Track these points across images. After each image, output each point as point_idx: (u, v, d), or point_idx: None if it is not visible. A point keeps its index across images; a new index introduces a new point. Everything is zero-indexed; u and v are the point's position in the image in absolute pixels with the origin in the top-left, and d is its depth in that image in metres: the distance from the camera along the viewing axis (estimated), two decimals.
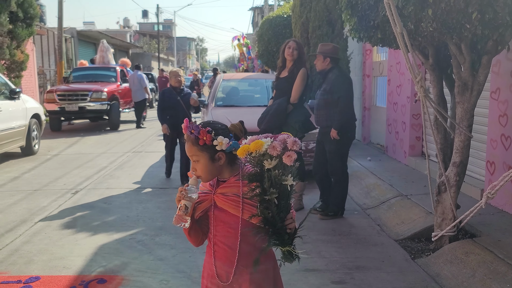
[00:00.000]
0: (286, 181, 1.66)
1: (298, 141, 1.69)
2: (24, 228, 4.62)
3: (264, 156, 1.65)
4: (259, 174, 1.68)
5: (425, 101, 3.37)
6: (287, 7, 13.79)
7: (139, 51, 37.68)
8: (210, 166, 1.78)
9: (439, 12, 2.89)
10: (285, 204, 1.70)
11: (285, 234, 1.71)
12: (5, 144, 7.65)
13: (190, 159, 1.82)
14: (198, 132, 1.75)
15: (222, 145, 1.74)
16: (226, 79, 8.71)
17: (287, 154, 1.64)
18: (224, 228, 1.83)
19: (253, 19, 42.20)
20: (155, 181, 6.58)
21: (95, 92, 12.28)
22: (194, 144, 1.77)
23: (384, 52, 8.20)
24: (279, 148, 1.64)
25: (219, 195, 1.81)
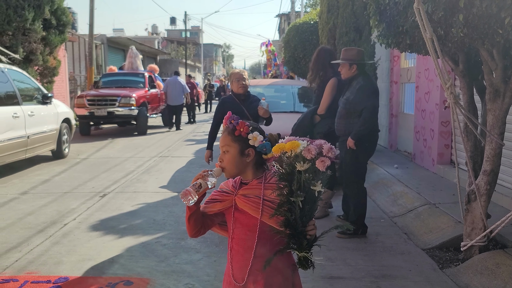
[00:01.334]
0: (315, 186, 1.65)
1: (334, 149, 1.67)
2: (54, 229, 4.74)
3: (297, 157, 1.65)
4: (290, 174, 1.67)
5: (455, 108, 3.30)
6: (314, 13, 13.77)
7: (167, 57, 38.23)
8: (238, 160, 1.80)
9: (470, 17, 2.84)
10: (309, 209, 1.69)
11: (304, 239, 1.70)
12: (37, 147, 7.86)
13: None
14: (237, 123, 1.80)
15: (256, 141, 1.78)
16: (252, 85, 8.75)
17: (321, 159, 1.64)
18: (243, 230, 1.84)
19: (279, 26, 42.31)
20: (181, 186, 6.64)
21: (124, 98, 12.52)
22: (229, 134, 1.81)
23: (412, 58, 8.09)
24: (314, 152, 1.64)
25: (240, 197, 1.82)
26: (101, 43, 21.59)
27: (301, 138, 1.72)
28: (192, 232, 1.90)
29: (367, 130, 4.39)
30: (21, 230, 4.70)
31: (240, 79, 4.51)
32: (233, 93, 4.60)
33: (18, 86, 7.61)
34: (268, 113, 4.50)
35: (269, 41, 26.08)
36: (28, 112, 7.56)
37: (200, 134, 13.31)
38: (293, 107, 8.03)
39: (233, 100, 4.56)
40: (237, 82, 4.52)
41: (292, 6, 24.44)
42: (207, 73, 45.54)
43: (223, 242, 4.34)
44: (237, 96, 4.57)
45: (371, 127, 4.45)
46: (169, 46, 47.11)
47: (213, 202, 1.90)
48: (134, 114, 12.65)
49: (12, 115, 7.09)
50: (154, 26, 54.02)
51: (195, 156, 9.21)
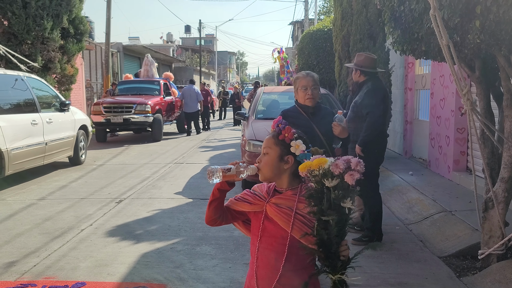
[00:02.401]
0: (345, 203, 1.61)
1: (362, 163, 1.64)
2: (71, 235, 4.80)
3: (326, 174, 1.62)
4: (319, 192, 1.63)
5: (472, 114, 3.28)
6: (328, 21, 13.80)
7: (182, 65, 38.55)
8: (275, 164, 1.79)
9: (487, 24, 2.83)
10: (341, 228, 1.63)
11: (338, 261, 1.64)
12: (55, 154, 7.99)
13: None
14: (284, 128, 1.80)
15: (297, 149, 1.77)
16: (266, 92, 8.78)
17: (350, 173, 1.60)
18: (270, 241, 1.78)
19: (293, 33, 42.39)
20: (196, 192, 6.68)
21: (140, 105, 12.66)
22: (273, 136, 1.82)
23: (427, 65, 8.05)
24: (342, 166, 1.60)
25: (272, 205, 1.77)
26: (117, 51, 21.87)
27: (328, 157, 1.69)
28: (209, 219, 1.89)
29: (372, 136, 4.35)
30: (39, 235, 4.78)
31: (307, 86, 3.35)
32: (298, 104, 3.47)
33: (36, 94, 7.75)
34: (346, 132, 3.37)
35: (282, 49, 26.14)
36: (46, 119, 7.69)
37: (214, 141, 13.37)
38: None
39: (299, 113, 3.41)
40: (303, 91, 3.38)
41: (305, 13, 24.49)
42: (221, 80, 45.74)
43: (238, 248, 4.36)
44: (304, 108, 3.41)
45: (377, 132, 4.39)
46: (184, 54, 47.51)
47: (243, 202, 1.88)
48: (150, 121, 12.77)
49: (31, 122, 7.23)
50: (169, 34, 54.61)
51: (210, 163, 9.26)
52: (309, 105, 3.38)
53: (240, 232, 2.02)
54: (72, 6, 10.73)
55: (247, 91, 31.47)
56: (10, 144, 6.60)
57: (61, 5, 10.44)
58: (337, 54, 9.97)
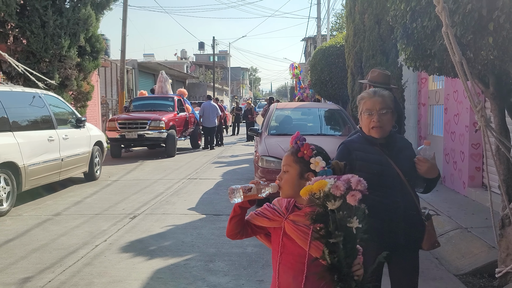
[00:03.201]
0: (352, 223, 1.58)
1: (363, 181, 1.61)
2: (85, 250, 4.83)
3: (327, 196, 1.59)
4: (323, 215, 1.61)
5: (486, 130, 3.26)
6: (340, 37, 13.86)
7: (195, 81, 38.93)
8: (296, 182, 1.78)
9: (500, 40, 2.83)
10: (351, 248, 1.61)
11: (352, 282, 1.61)
12: (70, 169, 8.09)
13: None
14: (302, 144, 1.79)
15: (317, 166, 1.75)
16: (279, 108, 8.82)
17: (351, 194, 1.58)
18: (289, 259, 1.77)
19: (306, 49, 42.61)
20: (209, 208, 6.69)
21: (154, 121, 12.79)
22: (292, 154, 1.82)
23: (441, 80, 8.02)
24: (343, 188, 1.58)
25: (290, 222, 1.76)
26: (132, 68, 22.21)
27: (328, 176, 1.66)
28: (229, 233, 1.90)
29: None
30: (54, 251, 4.82)
31: (373, 110, 2.41)
32: (362, 133, 2.53)
33: (53, 111, 7.90)
34: (436, 170, 2.44)
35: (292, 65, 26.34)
36: (63, 135, 7.82)
37: (227, 157, 13.41)
38: (320, 129, 8.04)
39: (367, 145, 2.48)
40: (367, 117, 2.45)
41: (318, 30, 24.63)
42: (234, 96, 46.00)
43: (251, 265, 4.34)
44: (371, 140, 2.47)
45: None
46: (198, 70, 47.99)
47: (262, 217, 1.87)
48: (164, 137, 12.88)
49: (48, 138, 7.35)
50: (183, 51, 55.26)
51: (223, 178, 9.28)
52: (375, 136, 2.44)
53: (253, 249, 2.01)
54: (89, 25, 10.96)
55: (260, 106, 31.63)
56: (27, 160, 6.71)
57: (79, 24, 10.67)
58: (349, 70, 9.99)
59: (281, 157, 6.53)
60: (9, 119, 6.62)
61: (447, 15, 2.56)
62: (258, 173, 6.41)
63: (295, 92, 25.99)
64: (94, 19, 11.11)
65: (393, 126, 2.50)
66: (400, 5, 3.66)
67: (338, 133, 7.86)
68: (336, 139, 6.93)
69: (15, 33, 10.22)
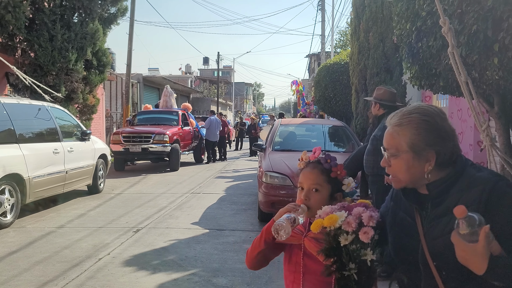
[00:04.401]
0: (366, 255, 1.49)
1: (375, 216, 1.51)
2: (89, 263, 4.83)
3: (339, 230, 1.51)
4: (336, 249, 1.52)
5: (491, 150, 3.28)
6: (344, 54, 13.98)
7: (199, 95, 39.14)
8: (327, 202, 1.68)
9: (505, 61, 2.86)
10: (366, 281, 1.52)
11: None
12: (74, 182, 8.12)
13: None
14: (336, 165, 1.71)
15: (349, 186, 1.70)
16: (283, 124, 8.86)
17: (363, 231, 1.48)
18: (313, 279, 1.67)
19: (309, 66, 42.89)
20: (212, 223, 6.69)
21: (158, 135, 12.84)
22: (323, 173, 1.71)
23: (445, 98, 8.06)
24: (354, 224, 1.50)
25: (312, 240, 1.66)
26: (137, 82, 22.37)
27: (338, 207, 1.57)
28: (255, 265, 1.78)
29: None
30: (57, 263, 4.82)
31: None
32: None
33: (59, 123, 7.96)
34: (480, 260, 1.26)
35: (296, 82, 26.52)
36: (68, 148, 7.86)
37: (230, 172, 13.42)
38: (324, 146, 8.06)
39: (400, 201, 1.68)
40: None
41: (322, 47, 24.83)
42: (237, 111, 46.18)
43: (255, 281, 4.33)
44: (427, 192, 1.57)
45: None
46: (202, 85, 48.28)
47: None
48: (167, 151, 12.92)
49: (53, 151, 7.40)
50: (187, 66, 55.65)
51: (226, 193, 9.28)
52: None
53: None
54: (96, 39, 11.10)
55: (264, 122, 31.71)
56: (32, 172, 6.74)
57: (86, 38, 10.81)
58: (354, 87, 10.06)
59: (285, 173, 6.51)
60: (16, 131, 6.67)
61: (453, 36, 2.60)
62: (262, 188, 6.42)
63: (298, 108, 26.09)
64: (101, 33, 11.26)
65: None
66: (406, 24, 3.71)
67: (342, 149, 7.88)
68: (340, 155, 6.94)
69: (23, 46, 10.36)
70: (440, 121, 1.49)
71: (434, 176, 1.49)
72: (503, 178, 1.45)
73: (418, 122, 1.48)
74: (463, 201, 1.39)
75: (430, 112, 1.50)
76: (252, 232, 6.15)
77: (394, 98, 4.63)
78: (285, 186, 6.25)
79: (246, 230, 6.26)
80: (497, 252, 1.28)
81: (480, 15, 2.82)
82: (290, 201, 4.97)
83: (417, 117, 1.49)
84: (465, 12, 2.95)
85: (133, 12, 17.88)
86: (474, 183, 1.42)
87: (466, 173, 1.46)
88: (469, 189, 1.42)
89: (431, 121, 1.48)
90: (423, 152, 1.47)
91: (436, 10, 2.85)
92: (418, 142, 1.47)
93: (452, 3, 3.01)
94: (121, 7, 12.12)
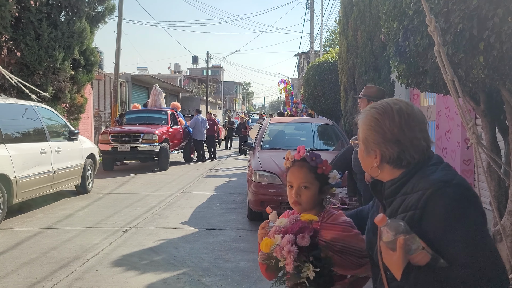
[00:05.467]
0: (307, 271, 1.53)
1: (307, 237, 1.56)
2: (77, 264, 4.79)
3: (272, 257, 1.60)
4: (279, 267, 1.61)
5: (478, 147, 3.31)
6: (333, 53, 14.02)
7: (189, 94, 38.98)
8: (316, 197, 1.79)
9: (490, 59, 2.89)
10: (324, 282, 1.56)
11: None
12: (62, 182, 8.04)
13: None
14: (321, 161, 1.80)
15: (334, 179, 1.80)
16: (273, 123, 8.87)
17: (286, 263, 1.55)
18: None
19: (299, 64, 42.97)
20: (201, 222, 6.67)
21: (147, 134, 12.78)
22: (310, 171, 1.78)
23: (432, 97, 8.12)
24: (284, 251, 1.55)
25: (327, 225, 1.75)
26: (125, 81, 22.21)
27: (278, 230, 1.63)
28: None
29: None
30: (45, 264, 4.77)
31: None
32: None
33: (46, 123, 7.87)
34: (397, 262, 1.36)
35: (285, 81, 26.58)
36: (55, 148, 7.78)
37: (220, 170, 13.40)
38: (313, 144, 8.08)
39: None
40: None
41: (311, 45, 24.86)
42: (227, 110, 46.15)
43: (244, 279, 4.33)
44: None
45: None
46: (191, 84, 48.11)
47: None
48: (156, 150, 12.87)
49: (40, 151, 7.32)
50: (176, 65, 55.40)
51: (215, 192, 9.26)
52: None
53: (246, 263, 1.94)
54: (83, 38, 10.99)
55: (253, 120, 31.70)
56: (19, 172, 6.66)
57: (73, 37, 10.70)
58: (342, 86, 10.08)
59: (275, 172, 6.51)
60: (2, 131, 6.59)
61: (439, 34, 2.62)
62: (252, 187, 6.42)
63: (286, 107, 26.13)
64: (88, 32, 11.15)
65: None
66: (393, 23, 3.73)
67: (331, 147, 7.91)
68: (329, 153, 6.97)
69: (9, 45, 10.23)
70: (390, 124, 1.44)
71: (388, 175, 1.50)
72: (454, 184, 1.35)
73: (370, 119, 1.49)
74: (405, 204, 1.39)
75: (387, 112, 1.46)
76: (242, 231, 6.14)
77: (384, 96, 4.65)
78: (274, 185, 6.25)
79: (236, 229, 6.26)
80: (423, 262, 1.29)
81: (466, 14, 2.84)
82: (279, 200, 5.12)
83: (371, 113, 1.49)
84: (451, 11, 2.97)
85: (121, 11, 17.76)
86: (417, 187, 1.38)
87: (417, 175, 1.42)
88: (412, 193, 1.39)
89: (380, 121, 1.46)
90: (370, 148, 1.50)
91: (423, 9, 2.87)
92: (367, 137, 1.50)
93: (438, 2, 3.03)
94: (109, 5, 12.01)
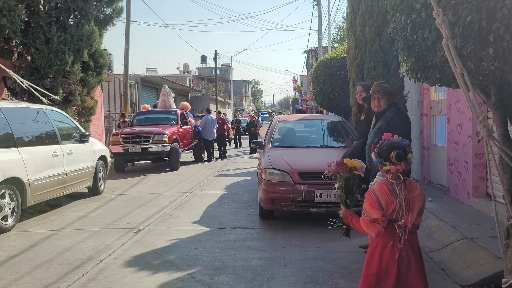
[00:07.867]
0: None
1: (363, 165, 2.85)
2: (90, 265, 4.83)
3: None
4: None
5: (489, 140, 3.27)
6: (342, 49, 13.94)
7: (198, 94, 39.12)
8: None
9: (500, 51, 2.85)
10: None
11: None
12: (74, 184, 8.12)
13: None
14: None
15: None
16: (282, 121, 8.85)
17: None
18: None
19: (307, 61, 42.82)
20: (213, 221, 6.69)
21: (157, 135, 12.84)
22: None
23: (443, 90, 8.05)
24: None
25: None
26: (135, 82, 22.35)
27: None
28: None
29: None
30: (59, 266, 4.82)
31: None
32: None
33: (57, 126, 7.95)
34: None
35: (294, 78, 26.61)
36: (67, 150, 7.86)
37: (230, 170, 13.42)
38: (323, 141, 8.05)
39: None
40: None
41: (319, 42, 24.76)
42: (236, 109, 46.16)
43: (256, 278, 4.33)
44: None
45: None
46: (200, 84, 48.23)
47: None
48: (167, 151, 12.93)
49: (52, 153, 7.39)
50: (185, 65, 55.58)
51: (226, 191, 9.28)
52: None
53: (258, 262, 1.98)
54: (92, 40, 11.07)
55: (263, 119, 31.71)
56: (32, 175, 6.74)
57: (82, 40, 10.78)
58: (351, 82, 10.02)
59: (285, 170, 6.54)
60: (14, 135, 6.67)
61: (447, 27, 2.59)
62: (262, 185, 6.42)
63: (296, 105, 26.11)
64: (97, 35, 11.23)
65: None
66: (401, 17, 3.70)
67: (341, 144, 7.87)
68: (339, 150, 6.94)
69: (20, 50, 10.33)
70: None
71: None
72: None
73: None
74: None
75: None
76: (253, 229, 6.15)
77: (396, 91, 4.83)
78: (284, 183, 6.24)
79: (247, 228, 6.26)
80: None
81: (474, 6, 2.80)
82: (290, 198, 5.98)
83: None
84: (459, 3, 2.93)
85: (129, 13, 17.87)
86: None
87: None
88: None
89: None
90: None
91: (430, 2, 2.85)
92: None
93: None
94: (117, 7, 12.08)
